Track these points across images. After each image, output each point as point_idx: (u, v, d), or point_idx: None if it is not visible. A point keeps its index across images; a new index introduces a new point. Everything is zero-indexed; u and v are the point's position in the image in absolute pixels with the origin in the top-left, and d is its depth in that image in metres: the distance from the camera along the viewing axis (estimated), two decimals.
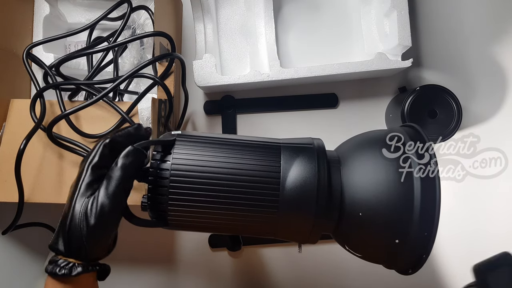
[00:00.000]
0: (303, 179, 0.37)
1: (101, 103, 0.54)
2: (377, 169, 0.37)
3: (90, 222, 0.34)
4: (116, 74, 0.59)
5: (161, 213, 0.37)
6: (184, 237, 0.64)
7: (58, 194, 0.51)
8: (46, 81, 0.55)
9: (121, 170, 0.35)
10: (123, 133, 0.39)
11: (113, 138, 0.37)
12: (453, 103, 0.58)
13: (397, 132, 0.39)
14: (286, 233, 0.39)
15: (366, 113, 0.65)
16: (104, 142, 0.37)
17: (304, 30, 0.65)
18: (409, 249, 0.36)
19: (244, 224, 0.38)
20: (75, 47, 0.65)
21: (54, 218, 0.61)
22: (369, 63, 0.58)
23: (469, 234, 0.64)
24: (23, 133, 0.49)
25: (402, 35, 0.56)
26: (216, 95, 0.66)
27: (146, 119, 0.53)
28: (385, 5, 0.58)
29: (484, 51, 0.65)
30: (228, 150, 0.38)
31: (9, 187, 0.50)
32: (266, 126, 0.66)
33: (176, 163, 0.37)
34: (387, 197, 0.36)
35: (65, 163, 0.52)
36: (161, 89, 0.52)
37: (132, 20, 0.62)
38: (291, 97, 0.66)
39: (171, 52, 0.53)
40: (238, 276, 0.64)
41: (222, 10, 0.65)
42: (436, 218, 0.35)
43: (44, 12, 0.62)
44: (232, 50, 0.65)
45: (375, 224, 0.36)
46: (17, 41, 0.59)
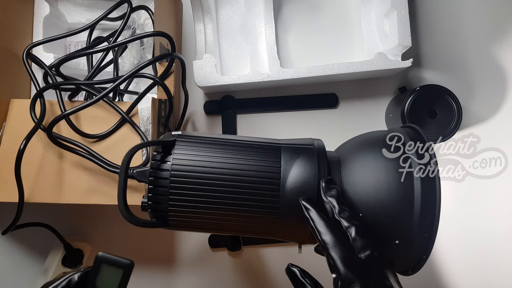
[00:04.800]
0: (303, 179, 0.37)
1: (101, 103, 0.54)
2: (377, 169, 0.37)
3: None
4: (116, 74, 0.59)
5: (161, 213, 0.38)
6: (184, 237, 0.64)
7: (58, 194, 0.51)
8: (46, 81, 0.55)
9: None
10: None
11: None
12: (453, 103, 0.58)
13: (397, 132, 0.39)
14: (286, 234, 0.39)
15: (366, 113, 0.65)
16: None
17: (304, 30, 0.65)
18: (409, 250, 0.36)
19: (244, 225, 0.38)
20: (75, 47, 0.65)
21: (54, 218, 0.62)
22: (369, 63, 0.58)
23: (469, 234, 0.64)
24: (23, 133, 0.49)
25: (402, 35, 0.56)
26: (216, 95, 0.66)
27: (146, 119, 0.53)
28: (385, 5, 0.58)
29: (484, 51, 0.65)
30: (228, 151, 0.38)
31: (9, 187, 0.50)
32: (266, 126, 0.66)
33: (176, 164, 0.37)
34: (387, 197, 0.36)
35: (65, 163, 0.52)
36: (161, 89, 0.52)
37: (132, 20, 0.62)
38: (291, 97, 0.66)
39: (171, 52, 0.53)
40: (238, 276, 0.64)
41: (222, 10, 0.65)
42: (436, 218, 0.35)
43: (44, 12, 0.62)
44: (232, 50, 0.65)
45: (375, 224, 0.36)
46: (17, 41, 0.59)
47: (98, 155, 0.51)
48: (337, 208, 0.35)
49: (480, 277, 0.63)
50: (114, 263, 0.34)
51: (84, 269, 0.36)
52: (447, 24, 0.66)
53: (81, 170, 0.51)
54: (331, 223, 0.35)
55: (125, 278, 0.34)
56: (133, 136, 0.53)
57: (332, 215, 0.35)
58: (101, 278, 0.34)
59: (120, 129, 0.53)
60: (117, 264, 0.34)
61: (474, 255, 0.64)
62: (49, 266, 0.60)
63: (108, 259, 0.34)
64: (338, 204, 0.36)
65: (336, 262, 0.33)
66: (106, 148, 0.53)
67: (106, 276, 0.34)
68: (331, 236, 0.34)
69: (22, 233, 0.57)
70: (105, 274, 0.34)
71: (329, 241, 0.34)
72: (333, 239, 0.34)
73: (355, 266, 0.33)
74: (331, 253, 0.33)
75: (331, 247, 0.33)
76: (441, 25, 0.66)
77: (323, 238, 0.34)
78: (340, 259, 0.33)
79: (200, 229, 0.42)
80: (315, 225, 0.35)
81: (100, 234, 0.63)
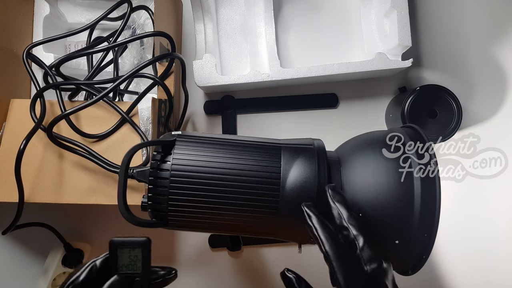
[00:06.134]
0: (303, 179, 0.37)
1: (101, 103, 0.54)
2: (377, 169, 0.37)
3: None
4: (116, 74, 0.59)
5: (161, 213, 0.38)
6: (184, 237, 0.64)
7: (58, 194, 0.51)
8: (46, 81, 0.55)
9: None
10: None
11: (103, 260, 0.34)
12: (453, 103, 0.58)
13: (397, 132, 0.39)
14: (286, 234, 0.39)
15: (366, 113, 0.65)
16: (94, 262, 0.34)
17: (304, 30, 0.65)
18: (409, 250, 0.36)
19: (244, 225, 0.38)
20: (75, 47, 0.65)
21: (54, 218, 0.62)
22: (369, 63, 0.58)
23: (469, 234, 0.64)
24: (23, 133, 0.49)
25: (402, 35, 0.56)
26: (216, 95, 0.66)
27: (146, 119, 0.53)
28: (385, 5, 0.58)
29: (484, 51, 0.65)
30: (228, 151, 0.38)
31: (9, 187, 0.50)
32: (266, 126, 0.66)
33: (176, 164, 0.37)
34: (387, 197, 0.36)
35: (65, 163, 0.52)
36: (161, 89, 0.52)
37: (132, 20, 0.62)
38: (291, 97, 0.66)
39: (171, 52, 0.53)
40: (238, 276, 0.64)
41: (222, 10, 0.65)
42: (436, 218, 0.35)
43: (44, 12, 0.62)
44: (232, 50, 0.65)
45: (375, 224, 0.36)
46: (17, 41, 0.59)
47: (98, 155, 0.51)
48: (346, 215, 0.34)
49: (480, 277, 0.63)
50: (130, 245, 0.33)
51: (104, 255, 0.34)
52: (447, 24, 0.66)
53: (81, 170, 0.51)
54: (335, 232, 0.34)
55: (146, 256, 0.33)
56: (133, 136, 0.53)
57: (340, 221, 0.34)
58: (122, 263, 0.33)
59: (120, 129, 0.53)
60: (133, 245, 0.33)
61: (474, 255, 0.64)
62: (49, 266, 0.60)
63: (122, 243, 0.33)
64: (347, 210, 0.34)
65: (338, 276, 0.31)
66: (106, 148, 0.53)
67: (126, 259, 0.33)
68: (335, 246, 0.32)
69: (22, 233, 0.57)
70: (125, 258, 0.33)
71: (332, 252, 0.32)
72: (336, 250, 0.32)
73: (358, 281, 0.31)
74: (334, 264, 0.32)
75: (334, 258, 0.32)
76: (441, 25, 0.66)
77: (326, 249, 0.32)
78: (343, 273, 0.31)
79: (200, 229, 0.42)
80: (318, 233, 0.33)
81: (100, 234, 0.63)
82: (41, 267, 0.61)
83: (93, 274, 0.33)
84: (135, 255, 0.33)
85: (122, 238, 0.33)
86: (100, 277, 0.33)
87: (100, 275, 0.33)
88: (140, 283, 0.33)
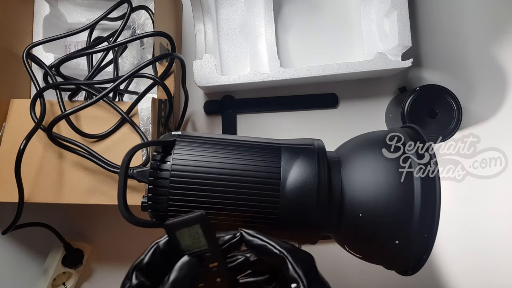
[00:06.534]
0: (303, 180, 0.37)
1: (101, 103, 0.54)
2: (377, 169, 0.37)
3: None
4: (116, 74, 0.59)
5: (161, 213, 0.38)
6: None
7: (58, 194, 0.51)
8: (46, 81, 0.55)
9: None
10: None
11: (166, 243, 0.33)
12: (453, 103, 0.58)
13: (397, 132, 0.39)
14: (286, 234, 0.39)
15: (366, 113, 0.65)
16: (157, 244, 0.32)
17: (304, 30, 0.65)
18: (409, 250, 0.36)
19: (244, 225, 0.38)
20: (75, 47, 0.65)
21: (54, 218, 0.62)
22: (369, 63, 0.58)
23: (469, 234, 0.64)
24: (23, 133, 0.49)
25: (402, 35, 0.56)
26: (216, 95, 0.66)
27: (146, 119, 0.53)
28: (385, 5, 0.58)
29: (484, 51, 0.65)
30: (228, 151, 0.38)
31: (9, 187, 0.50)
32: (266, 126, 0.66)
33: (176, 164, 0.37)
34: (387, 197, 0.36)
35: (65, 163, 0.52)
36: (161, 89, 0.52)
37: (132, 20, 0.62)
38: (291, 97, 0.66)
39: (171, 52, 0.53)
40: None
41: (222, 10, 0.65)
42: (436, 219, 0.35)
43: (44, 12, 0.62)
44: (232, 50, 0.65)
45: (375, 225, 0.36)
46: (17, 41, 0.59)
47: (98, 155, 0.51)
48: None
49: (480, 277, 0.63)
50: (186, 224, 0.31)
51: (164, 237, 0.32)
52: (447, 24, 0.66)
53: (81, 170, 0.51)
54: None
55: (208, 229, 0.31)
56: (133, 136, 0.53)
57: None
58: (185, 243, 0.31)
59: (120, 129, 0.53)
60: (189, 223, 0.31)
61: (474, 255, 0.64)
62: (49, 266, 0.60)
63: (177, 224, 0.31)
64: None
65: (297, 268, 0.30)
66: (106, 148, 0.53)
67: (188, 239, 0.31)
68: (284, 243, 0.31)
69: (22, 233, 0.57)
70: (186, 238, 0.31)
71: (284, 248, 0.31)
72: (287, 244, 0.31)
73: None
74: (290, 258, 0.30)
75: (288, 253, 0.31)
76: (441, 25, 0.66)
77: (279, 248, 0.31)
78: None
79: None
80: (266, 241, 0.32)
81: (100, 234, 0.63)
82: (41, 267, 0.61)
83: (156, 257, 0.32)
84: (196, 232, 0.31)
85: (176, 220, 0.31)
86: (163, 259, 0.32)
87: (163, 257, 0.32)
88: (212, 258, 0.32)
